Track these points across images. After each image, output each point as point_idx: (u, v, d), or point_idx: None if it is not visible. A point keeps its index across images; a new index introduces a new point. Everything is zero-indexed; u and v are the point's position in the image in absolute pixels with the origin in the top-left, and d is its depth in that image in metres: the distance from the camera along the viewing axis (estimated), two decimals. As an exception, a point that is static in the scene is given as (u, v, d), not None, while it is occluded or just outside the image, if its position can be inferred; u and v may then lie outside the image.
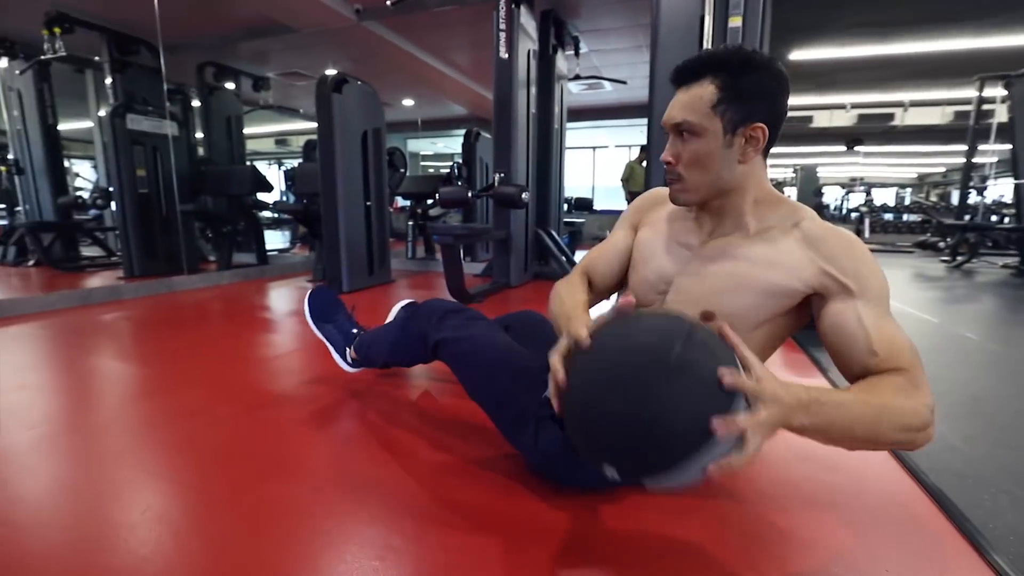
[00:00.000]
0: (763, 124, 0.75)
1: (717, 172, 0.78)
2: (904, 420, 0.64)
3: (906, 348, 0.70)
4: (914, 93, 6.95)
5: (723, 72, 0.75)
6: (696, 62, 0.77)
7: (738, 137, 0.76)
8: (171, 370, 1.69)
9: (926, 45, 5.31)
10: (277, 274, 3.96)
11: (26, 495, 0.95)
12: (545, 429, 0.89)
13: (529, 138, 3.51)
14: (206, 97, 4.72)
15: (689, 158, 0.79)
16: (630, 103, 7.39)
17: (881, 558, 0.79)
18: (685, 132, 0.78)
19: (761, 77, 0.74)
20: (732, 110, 0.75)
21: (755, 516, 0.90)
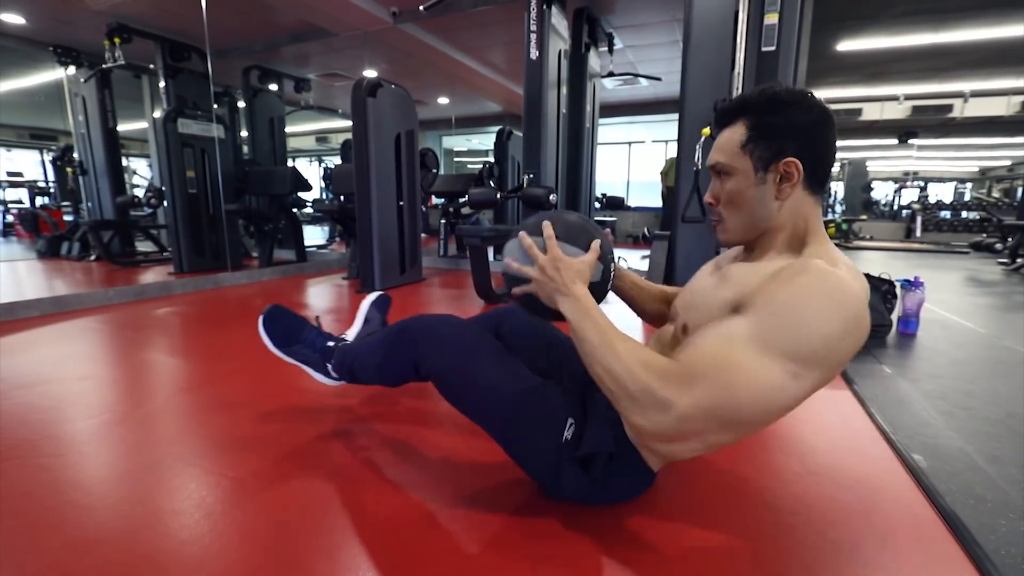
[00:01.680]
0: (795, 159, 0.75)
1: (751, 210, 0.79)
2: (615, 367, 0.72)
3: (707, 357, 0.69)
4: (975, 83, 6.52)
5: (751, 113, 0.77)
6: (729, 106, 0.80)
7: (770, 174, 0.76)
8: (217, 366, 1.81)
9: (987, 32, 4.99)
10: (315, 271, 4.12)
11: (85, 479, 1.06)
12: (569, 474, 0.86)
13: (559, 138, 3.52)
14: (251, 99, 4.94)
15: (725, 198, 0.81)
16: (667, 98, 7.25)
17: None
18: (721, 173, 0.81)
19: (789, 114, 0.75)
20: (761, 148, 0.76)
21: (759, 531, 0.91)
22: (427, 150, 4.00)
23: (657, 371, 0.70)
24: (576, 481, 0.87)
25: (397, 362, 0.99)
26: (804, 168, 0.75)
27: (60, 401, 1.47)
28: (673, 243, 2.91)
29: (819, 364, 0.67)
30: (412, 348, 0.96)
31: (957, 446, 1.27)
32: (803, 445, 1.26)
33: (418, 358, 0.94)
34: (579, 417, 0.88)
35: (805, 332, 0.66)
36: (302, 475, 1.07)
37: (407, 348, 0.97)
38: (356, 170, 3.11)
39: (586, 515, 0.93)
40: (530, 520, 0.92)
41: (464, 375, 0.91)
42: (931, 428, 1.37)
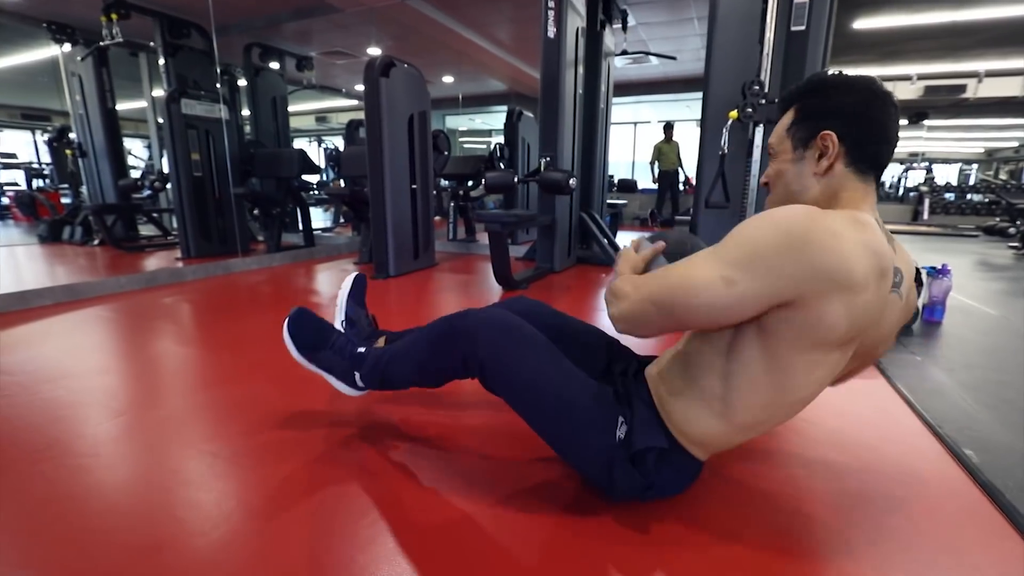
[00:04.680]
0: (831, 132, 0.78)
1: (787, 185, 0.85)
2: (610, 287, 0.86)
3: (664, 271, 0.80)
4: (991, 62, 6.39)
5: (801, 98, 0.83)
6: (786, 94, 0.87)
7: (809, 150, 0.81)
8: (236, 358, 1.78)
9: (1009, 9, 4.87)
10: (324, 256, 4.07)
11: (122, 481, 1.03)
12: (622, 473, 0.86)
13: (576, 119, 3.43)
14: (252, 78, 4.80)
15: (773, 176, 0.87)
16: (677, 77, 7.12)
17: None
18: (771, 155, 0.87)
19: (831, 94, 0.79)
20: (802, 128, 0.81)
21: (818, 527, 0.89)
22: (439, 132, 3.91)
23: (631, 279, 0.84)
24: (629, 478, 0.87)
25: (445, 358, 0.97)
26: (844, 144, 0.78)
27: (86, 396, 1.44)
28: (695, 229, 2.87)
29: (749, 270, 0.69)
30: (463, 343, 0.93)
31: (1006, 441, 1.26)
32: (850, 439, 1.24)
33: (468, 354, 0.92)
34: (627, 414, 0.89)
35: (735, 237, 0.74)
36: (336, 481, 1.04)
37: (457, 343, 0.94)
38: (369, 153, 3.03)
39: (634, 513, 0.92)
40: (579, 520, 0.91)
41: (517, 372, 0.90)
42: (976, 421, 1.35)
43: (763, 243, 0.70)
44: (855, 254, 0.68)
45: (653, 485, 0.87)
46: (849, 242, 0.68)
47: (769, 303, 0.71)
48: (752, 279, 0.70)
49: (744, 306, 0.72)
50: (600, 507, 0.94)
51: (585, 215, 3.82)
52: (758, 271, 0.69)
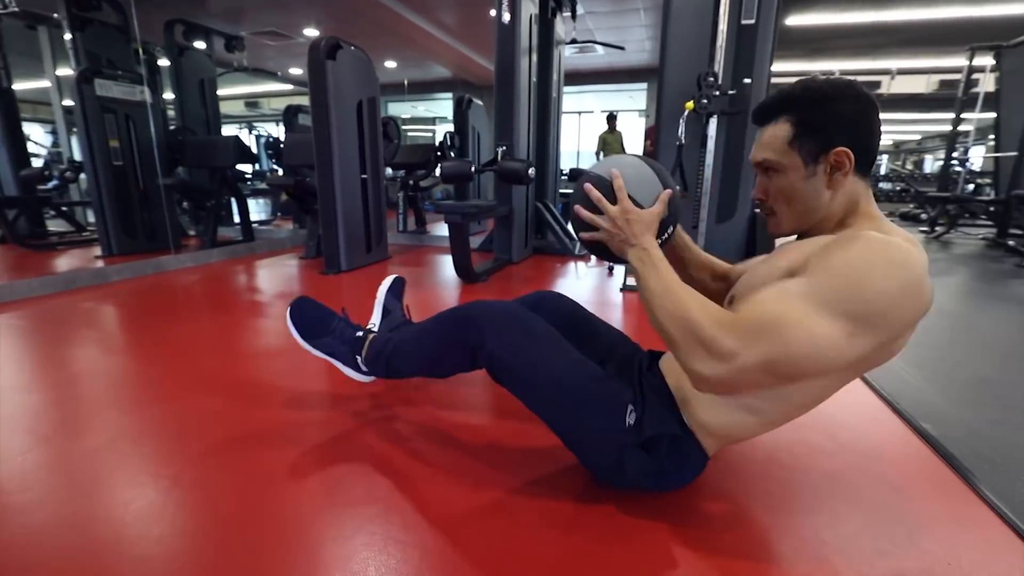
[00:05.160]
0: (846, 148, 0.75)
1: (805, 203, 0.79)
2: (681, 315, 0.72)
3: (767, 313, 0.68)
4: (902, 61, 6.95)
5: (795, 109, 0.77)
6: (770, 102, 0.80)
7: (820, 165, 0.77)
8: (174, 369, 1.61)
9: (920, 13, 5.29)
10: (265, 251, 3.81)
11: (42, 523, 0.90)
12: (633, 458, 0.86)
13: (530, 108, 3.39)
14: (176, 58, 4.40)
15: (776, 194, 0.82)
16: (621, 67, 7.23)
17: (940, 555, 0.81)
18: (769, 170, 0.81)
19: (835, 106, 0.75)
20: (809, 142, 0.76)
21: (810, 505, 0.91)
22: (388, 119, 3.75)
23: (722, 322, 0.70)
24: (639, 465, 0.87)
25: (454, 348, 0.97)
26: (854, 156, 0.75)
27: (12, 422, 1.25)
28: (651, 218, 2.91)
29: (875, 325, 0.66)
30: (472, 333, 0.93)
31: (956, 413, 1.35)
32: (826, 418, 1.28)
33: (477, 344, 0.92)
34: (638, 402, 0.88)
35: (860, 290, 0.65)
36: (324, 506, 0.96)
37: (466, 333, 0.94)
38: (316, 141, 2.85)
39: (644, 500, 0.93)
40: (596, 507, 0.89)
41: (526, 362, 0.90)
42: (925, 396, 1.45)
43: (892, 296, 0.65)
44: (928, 282, 0.69)
45: (664, 471, 0.87)
46: (926, 268, 0.68)
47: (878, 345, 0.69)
48: (876, 333, 0.67)
49: (860, 356, 0.69)
50: (611, 495, 0.92)
51: (540, 205, 3.80)
52: (885, 325, 0.67)
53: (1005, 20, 5.18)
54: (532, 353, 0.90)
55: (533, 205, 3.68)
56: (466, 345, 0.94)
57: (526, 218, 3.53)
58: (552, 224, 3.78)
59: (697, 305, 0.73)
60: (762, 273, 0.82)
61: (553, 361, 0.90)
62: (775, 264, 0.80)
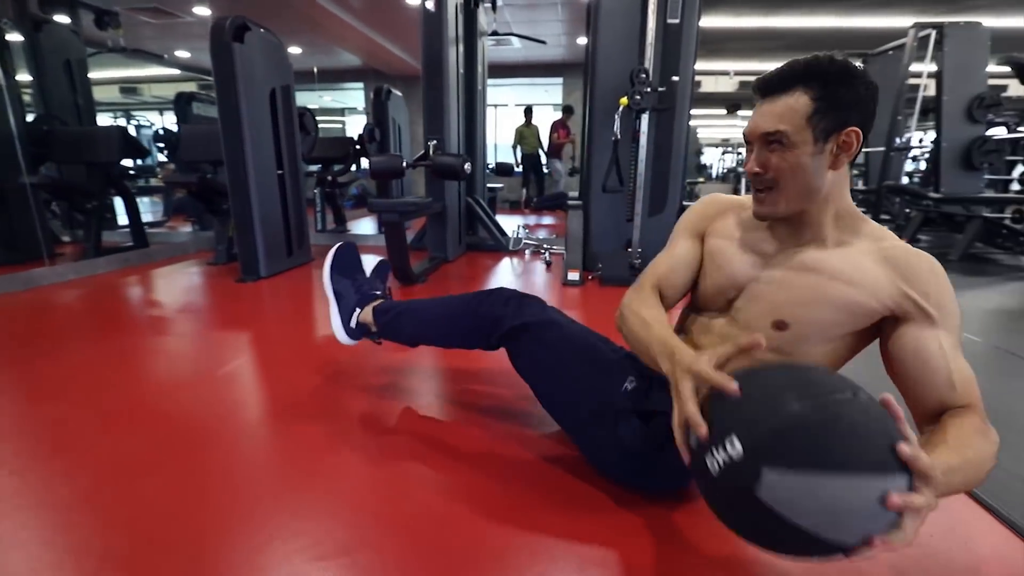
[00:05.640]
0: (857, 128, 0.73)
1: (808, 182, 0.76)
2: (990, 465, 0.66)
3: (974, 383, 0.73)
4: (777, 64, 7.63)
5: (817, 82, 0.72)
6: (788, 72, 0.74)
7: (829, 144, 0.74)
8: (72, 409, 1.35)
9: (802, 20, 5.84)
10: (163, 258, 3.37)
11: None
12: (625, 421, 0.91)
13: (459, 100, 3.28)
14: (31, 34, 3.72)
15: (781, 168, 0.76)
16: (537, 62, 7.28)
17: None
18: (775, 143, 0.75)
19: (857, 87, 0.72)
20: (827, 119, 0.72)
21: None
22: (305, 110, 3.44)
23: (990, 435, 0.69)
24: (636, 433, 0.89)
25: (476, 316, 1.09)
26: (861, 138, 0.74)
27: None
28: (588, 212, 2.94)
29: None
30: (498, 305, 1.07)
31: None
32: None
33: (503, 312, 1.04)
34: (643, 378, 0.94)
35: (956, 313, 0.75)
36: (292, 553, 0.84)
37: (491, 305, 1.08)
38: (224, 133, 2.54)
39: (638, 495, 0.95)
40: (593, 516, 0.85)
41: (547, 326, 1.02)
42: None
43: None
44: None
45: (654, 463, 0.89)
46: None
47: None
48: None
49: None
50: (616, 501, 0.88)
51: (471, 200, 3.71)
52: None
53: (871, 31, 5.88)
54: (550, 320, 1.03)
55: (465, 201, 3.59)
56: (489, 314, 1.06)
57: (459, 215, 3.43)
58: (484, 220, 3.71)
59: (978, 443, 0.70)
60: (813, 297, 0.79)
61: (569, 332, 1.03)
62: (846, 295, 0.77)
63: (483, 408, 1.31)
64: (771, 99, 0.76)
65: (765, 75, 0.77)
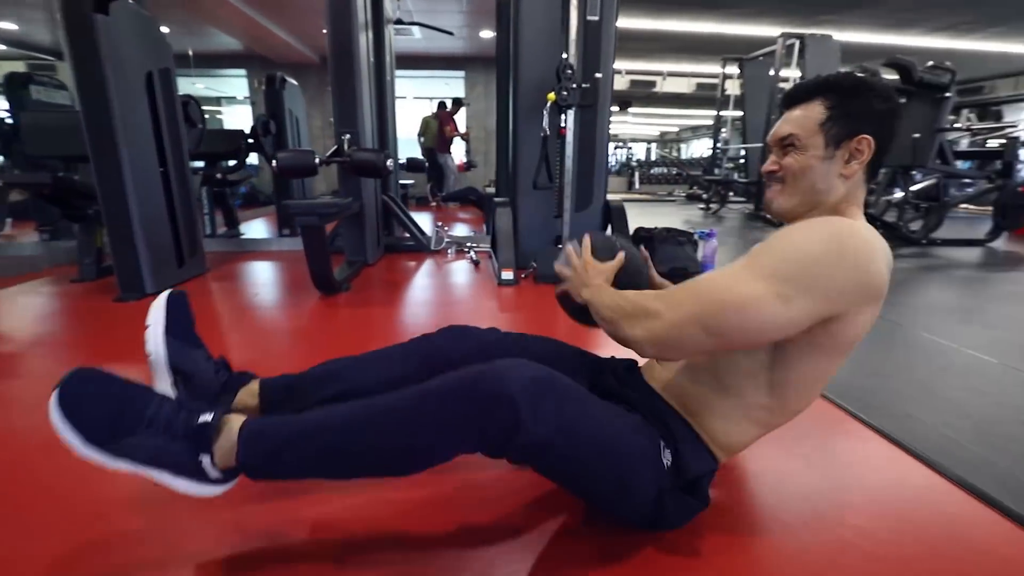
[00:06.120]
0: (869, 136, 0.75)
1: (813, 183, 0.78)
2: (617, 302, 0.81)
3: (693, 282, 0.76)
4: (672, 65, 8.23)
5: (833, 93, 0.78)
6: (811, 84, 0.80)
7: (841, 150, 0.77)
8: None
9: (686, 25, 6.28)
10: (10, 275, 2.74)
11: None
12: (676, 502, 0.79)
13: (370, 91, 3.05)
14: None
15: (791, 166, 0.80)
16: (438, 54, 7.08)
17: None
18: (788, 145, 0.80)
19: (870, 100, 0.76)
20: (838, 126, 0.77)
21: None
22: (188, 98, 2.96)
23: (651, 293, 0.80)
24: (683, 506, 0.81)
25: (458, 432, 0.69)
26: (875, 147, 0.77)
27: None
28: (516, 210, 2.89)
29: (806, 287, 0.67)
30: (503, 414, 0.66)
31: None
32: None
33: (509, 426, 0.66)
34: (666, 435, 0.81)
35: (787, 252, 0.71)
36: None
37: (492, 413, 0.66)
38: (88, 124, 2.10)
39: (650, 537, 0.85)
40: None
41: (580, 435, 0.71)
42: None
43: (817, 257, 0.68)
44: (884, 266, 0.71)
45: (705, 504, 0.82)
46: (880, 252, 0.71)
47: (820, 317, 0.70)
48: (807, 295, 0.68)
49: (800, 323, 0.69)
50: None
51: (387, 198, 3.49)
52: (814, 287, 0.68)
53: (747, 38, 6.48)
54: (576, 426, 0.71)
55: (381, 199, 3.36)
56: (487, 429, 0.67)
57: (377, 214, 3.20)
58: (403, 218, 3.51)
59: (632, 293, 0.83)
60: None
61: (593, 417, 0.74)
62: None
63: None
64: (790, 110, 0.82)
65: (791, 89, 0.84)
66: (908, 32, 6.47)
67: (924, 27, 6.29)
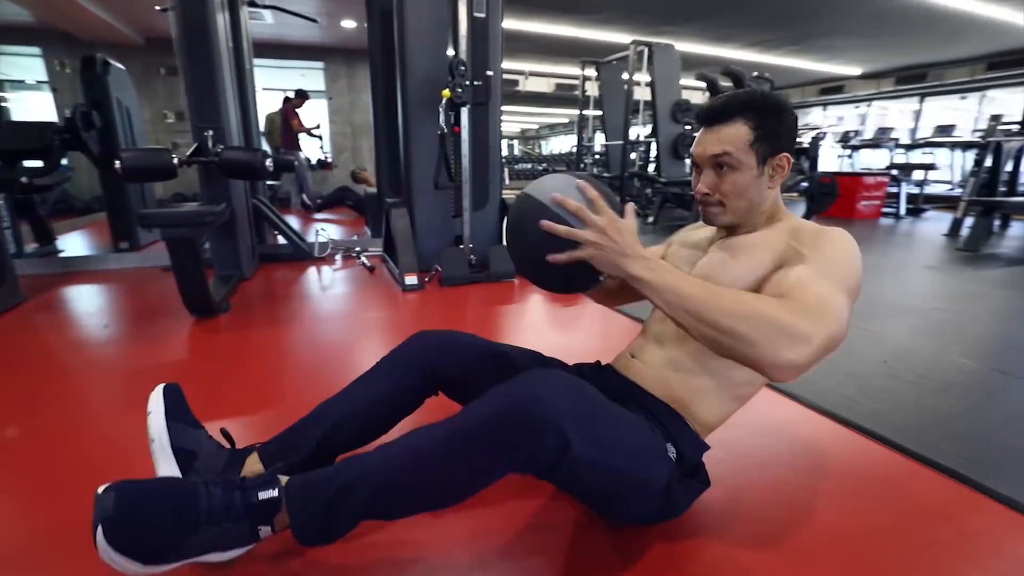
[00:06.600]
0: (787, 154, 0.85)
1: (751, 198, 0.85)
2: (747, 310, 0.68)
3: (815, 295, 0.71)
4: (534, 65, 8.53)
5: (752, 112, 0.82)
6: (731, 104, 0.83)
7: (767, 167, 0.84)
8: None
9: (547, 28, 6.56)
10: None
11: None
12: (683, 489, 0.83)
13: (231, 80, 2.67)
14: None
15: (729, 189, 0.84)
16: (292, 42, 6.47)
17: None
18: (725, 166, 0.83)
19: (784, 118, 0.83)
20: (765, 146, 0.82)
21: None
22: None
23: (789, 307, 0.69)
24: (689, 491, 0.86)
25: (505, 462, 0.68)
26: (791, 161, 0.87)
27: None
28: (412, 210, 2.76)
29: (856, 294, 0.77)
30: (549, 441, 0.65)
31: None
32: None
33: (557, 451, 0.65)
34: (663, 431, 0.84)
35: (850, 268, 0.77)
36: None
37: (538, 442, 0.65)
38: None
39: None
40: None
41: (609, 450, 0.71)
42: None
43: (856, 266, 0.77)
44: None
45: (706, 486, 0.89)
46: None
47: None
48: (854, 299, 0.76)
49: None
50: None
51: (258, 202, 3.10)
52: (858, 292, 0.77)
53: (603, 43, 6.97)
54: (610, 436, 0.71)
55: (252, 204, 2.97)
56: (535, 457, 0.66)
57: (249, 221, 2.83)
58: (279, 224, 3.15)
59: (753, 296, 0.71)
60: (727, 271, 0.85)
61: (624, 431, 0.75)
62: (745, 262, 0.84)
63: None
64: (715, 128, 0.84)
65: (708, 106, 0.85)
66: (728, 46, 7.52)
67: (740, 42, 7.36)
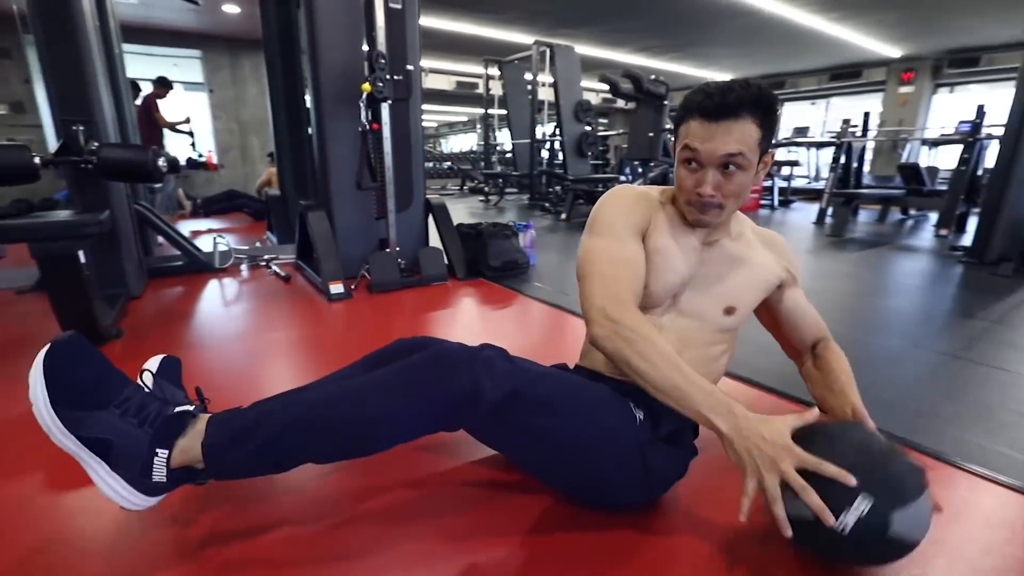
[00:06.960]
0: (772, 151, 0.87)
1: (745, 198, 0.85)
2: None
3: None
4: (433, 62, 8.36)
5: (758, 111, 0.78)
6: (741, 100, 0.77)
7: (759, 166, 0.83)
8: None
9: (447, 24, 6.47)
10: None
11: None
12: (653, 452, 0.84)
13: (103, 66, 2.29)
14: None
15: (734, 190, 0.82)
16: (161, 26, 5.72)
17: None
18: (734, 166, 0.79)
19: (777, 116, 0.82)
20: (764, 144, 0.81)
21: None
22: None
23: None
24: (666, 458, 0.86)
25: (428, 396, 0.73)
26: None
27: None
28: (331, 213, 2.56)
29: None
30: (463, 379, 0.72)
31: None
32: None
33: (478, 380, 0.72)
34: (635, 399, 0.85)
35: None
36: None
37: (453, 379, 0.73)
38: None
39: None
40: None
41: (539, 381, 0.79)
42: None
43: None
44: None
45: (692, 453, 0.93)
46: None
47: None
48: None
49: None
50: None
51: (141, 208, 2.70)
52: None
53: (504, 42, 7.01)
54: (537, 375, 0.79)
55: (135, 210, 2.57)
56: (451, 388, 0.72)
57: (133, 230, 2.44)
58: (169, 232, 2.77)
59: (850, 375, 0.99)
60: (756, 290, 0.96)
61: (560, 380, 0.82)
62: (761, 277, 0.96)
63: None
64: (722, 123, 0.77)
65: (711, 98, 0.77)
66: (620, 50, 7.95)
67: (630, 47, 7.81)
